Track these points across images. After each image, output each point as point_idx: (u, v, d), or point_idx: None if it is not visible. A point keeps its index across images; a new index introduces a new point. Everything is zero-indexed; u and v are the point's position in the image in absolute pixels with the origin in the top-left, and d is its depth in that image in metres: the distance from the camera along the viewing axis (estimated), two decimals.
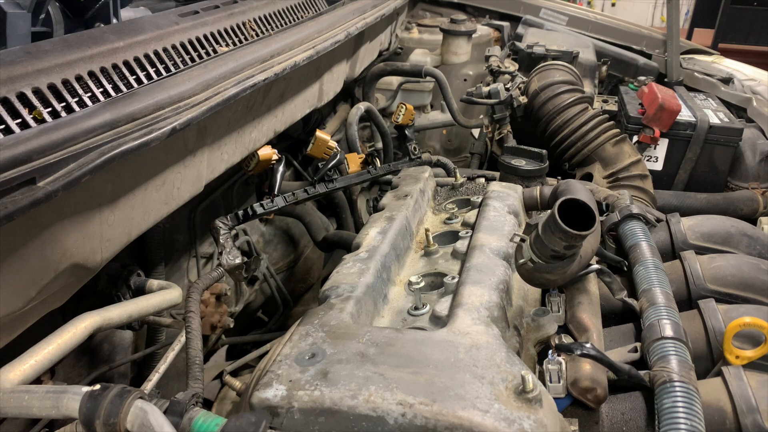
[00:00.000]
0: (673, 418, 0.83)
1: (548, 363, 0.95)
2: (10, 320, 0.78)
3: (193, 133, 1.00)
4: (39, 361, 0.80)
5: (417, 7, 3.24)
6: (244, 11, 1.21)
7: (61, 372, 1.07)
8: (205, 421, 0.70)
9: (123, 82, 0.88)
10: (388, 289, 1.13)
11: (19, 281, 0.75)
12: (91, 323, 0.87)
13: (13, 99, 0.73)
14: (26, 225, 0.72)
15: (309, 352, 0.86)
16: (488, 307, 0.97)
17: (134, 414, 0.70)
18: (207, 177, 1.10)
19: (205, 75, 0.96)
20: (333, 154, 1.46)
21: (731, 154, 2.16)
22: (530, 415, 0.74)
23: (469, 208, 1.43)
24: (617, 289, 1.14)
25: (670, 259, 1.28)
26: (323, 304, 1.00)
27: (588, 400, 0.92)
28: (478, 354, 0.84)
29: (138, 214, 0.93)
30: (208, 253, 1.50)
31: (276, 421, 0.78)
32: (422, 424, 0.74)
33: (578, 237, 0.86)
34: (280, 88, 1.25)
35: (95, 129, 0.76)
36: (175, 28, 1.02)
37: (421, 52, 2.78)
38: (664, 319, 1.01)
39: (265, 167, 1.33)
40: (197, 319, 0.96)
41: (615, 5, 9.35)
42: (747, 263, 1.19)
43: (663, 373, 0.90)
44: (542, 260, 0.95)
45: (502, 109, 2.23)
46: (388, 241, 1.19)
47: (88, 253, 0.84)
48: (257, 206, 1.20)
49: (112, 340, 1.21)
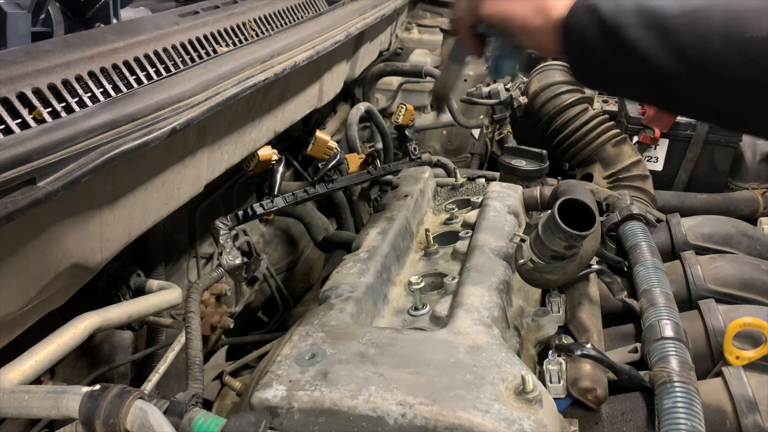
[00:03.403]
0: (674, 419, 0.83)
1: (548, 363, 0.95)
2: (10, 320, 0.78)
3: (193, 134, 1.00)
4: (39, 361, 0.80)
5: (417, 8, 3.24)
6: (244, 11, 1.21)
7: (61, 372, 1.07)
8: (205, 421, 0.70)
9: (123, 82, 0.88)
10: (388, 289, 1.13)
11: (19, 281, 0.75)
12: (91, 323, 0.87)
13: (13, 99, 0.73)
14: (26, 225, 0.72)
15: (309, 352, 0.86)
16: (488, 307, 0.97)
17: (134, 414, 0.70)
18: (207, 177, 1.10)
19: (205, 75, 0.96)
20: (333, 155, 1.46)
21: (731, 155, 2.16)
22: (530, 415, 0.74)
23: (469, 208, 1.43)
24: (617, 290, 1.14)
25: (670, 260, 1.28)
26: (323, 305, 1.00)
27: (588, 400, 0.92)
28: (478, 354, 0.84)
29: (138, 214, 0.93)
30: (208, 253, 1.50)
31: (276, 421, 0.78)
32: (422, 424, 0.74)
33: (578, 237, 0.86)
34: (280, 89, 1.25)
35: (95, 129, 0.76)
36: (175, 29, 1.02)
37: (421, 53, 2.79)
38: (665, 320, 1.00)
39: (265, 167, 1.33)
40: (197, 320, 0.96)
41: None
42: (747, 264, 1.19)
43: (663, 373, 0.90)
44: (542, 260, 0.95)
45: (502, 109, 2.23)
46: (388, 241, 1.19)
47: (88, 253, 0.84)
48: (257, 206, 1.20)
49: (111, 340, 1.21)
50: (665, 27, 0.65)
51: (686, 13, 0.64)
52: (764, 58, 0.60)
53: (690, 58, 0.64)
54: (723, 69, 0.62)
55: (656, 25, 0.66)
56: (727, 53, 0.62)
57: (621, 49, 0.68)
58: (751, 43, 0.61)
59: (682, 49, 0.65)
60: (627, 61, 0.69)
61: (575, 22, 0.72)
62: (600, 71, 0.74)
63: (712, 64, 0.63)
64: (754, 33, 0.60)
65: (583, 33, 0.71)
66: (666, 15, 0.66)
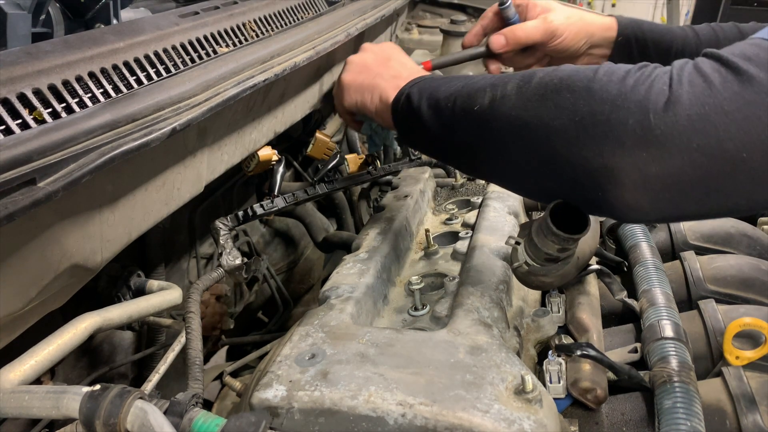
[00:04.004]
0: (673, 419, 0.83)
1: (548, 363, 0.95)
2: (10, 320, 0.78)
3: (194, 134, 1.00)
4: (39, 361, 0.80)
5: (417, 8, 3.24)
6: (244, 12, 1.21)
7: (61, 372, 1.07)
8: (205, 421, 0.70)
9: (123, 82, 0.88)
10: (388, 289, 1.13)
11: (19, 281, 0.75)
12: (92, 324, 0.87)
13: (14, 99, 0.72)
14: (26, 225, 0.72)
15: (309, 352, 0.86)
16: (488, 307, 0.97)
17: (134, 414, 0.70)
18: (207, 177, 1.10)
19: (205, 76, 0.96)
20: (333, 155, 1.46)
21: None
22: (530, 415, 0.74)
23: (469, 208, 1.43)
24: (617, 290, 1.14)
25: (670, 260, 1.28)
26: (323, 305, 1.00)
27: (588, 400, 0.92)
28: (478, 354, 0.84)
29: (138, 215, 0.93)
30: (209, 253, 1.51)
31: (276, 421, 0.78)
32: (422, 424, 0.74)
33: (570, 240, 0.86)
34: (280, 89, 1.26)
35: (95, 129, 0.76)
36: (175, 29, 1.02)
37: (421, 53, 2.78)
38: (664, 320, 1.01)
39: (265, 168, 1.33)
40: (197, 320, 0.96)
41: (615, 6, 9.36)
42: (747, 263, 1.19)
43: (663, 373, 0.90)
44: (537, 263, 0.95)
45: None
46: (388, 241, 1.19)
47: (88, 253, 0.84)
48: (257, 207, 1.20)
49: (112, 340, 1.21)
50: (438, 107, 0.92)
51: (447, 97, 0.91)
52: (485, 122, 0.85)
53: (448, 126, 0.91)
54: (464, 133, 0.89)
55: (434, 105, 0.93)
56: (467, 120, 0.88)
57: (418, 121, 0.96)
58: (474, 114, 0.86)
59: (444, 120, 0.92)
60: (420, 129, 0.97)
61: (398, 106, 1.01)
62: (413, 137, 1.03)
63: (461, 130, 0.89)
64: (476, 106, 0.85)
65: (402, 112, 1.00)
66: (439, 98, 0.92)
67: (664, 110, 0.69)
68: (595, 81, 0.76)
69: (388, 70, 1.10)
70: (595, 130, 0.74)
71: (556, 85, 0.79)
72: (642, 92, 0.72)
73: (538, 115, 0.79)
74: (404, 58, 1.15)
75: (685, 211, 0.75)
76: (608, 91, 0.74)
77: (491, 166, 0.90)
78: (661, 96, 0.70)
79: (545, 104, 0.79)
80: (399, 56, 1.15)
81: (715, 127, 0.67)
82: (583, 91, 0.76)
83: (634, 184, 0.72)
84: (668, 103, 0.69)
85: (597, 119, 0.74)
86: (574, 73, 0.80)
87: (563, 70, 0.82)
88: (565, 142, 0.76)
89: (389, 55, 1.15)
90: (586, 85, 0.77)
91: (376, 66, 1.12)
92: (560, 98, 0.78)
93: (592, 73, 0.78)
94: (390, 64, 1.11)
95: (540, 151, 0.80)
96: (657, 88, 0.71)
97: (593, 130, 0.74)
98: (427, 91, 0.95)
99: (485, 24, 1.37)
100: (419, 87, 0.98)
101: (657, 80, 0.72)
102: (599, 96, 0.75)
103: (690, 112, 0.68)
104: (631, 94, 0.72)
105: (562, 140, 0.77)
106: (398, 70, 1.09)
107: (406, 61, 1.14)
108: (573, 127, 0.76)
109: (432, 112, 0.93)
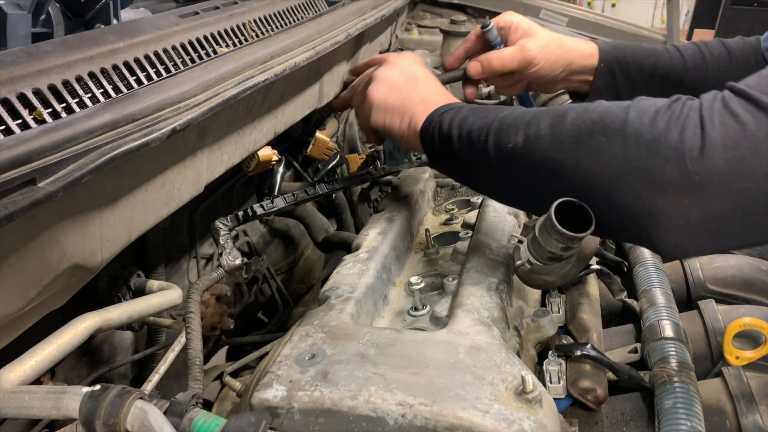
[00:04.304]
0: (674, 419, 0.83)
1: (548, 364, 0.95)
2: (10, 321, 0.77)
3: (194, 134, 1.00)
4: (39, 361, 0.80)
5: (417, 8, 3.24)
6: (244, 12, 1.21)
7: (61, 372, 1.07)
8: (205, 421, 0.70)
9: (123, 82, 0.88)
10: (388, 289, 1.13)
11: (19, 282, 0.75)
12: (92, 324, 0.87)
13: (14, 100, 0.72)
14: (26, 225, 0.72)
15: (309, 352, 0.86)
16: (488, 307, 0.97)
17: (134, 414, 0.70)
18: (207, 178, 1.10)
19: (205, 76, 0.96)
20: (333, 155, 1.46)
21: None
22: (530, 415, 0.74)
23: (469, 208, 1.43)
24: (617, 290, 1.14)
25: (670, 260, 1.28)
26: (323, 305, 1.00)
27: (588, 400, 0.92)
28: (478, 354, 0.84)
29: (138, 215, 0.93)
30: (209, 254, 1.51)
31: (276, 421, 0.78)
32: (422, 424, 0.74)
33: (575, 239, 0.86)
34: (280, 89, 1.26)
35: (95, 129, 0.76)
36: (175, 29, 1.02)
37: (422, 53, 2.78)
38: (664, 320, 1.01)
39: (265, 168, 1.33)
40: (197, 320, 0.96)
41: (615, 6, 9.36)
42: (747, 263, 1.19)
43: (663, 373, 0.90)
44: (539, 262, 0.95)
45: None
46: (388, 241, 1.19)
47: (88, 253, 0.84)
48: (257, 207, 1.20)
49: (112, 340, 1.21)
50: (471, 139, 0.94)
51: (479, 130, 0.93)
52: (520, 159, 0.88)
53: (482, 158, 0.93)
54: (500, 168, 0.92)
55: (466, 136, 0.95)
56: (501, 157, 0.90)
57: (450, 152, 0.99)
58: (508, 150, 0.88)
59: (477, 153, 0.94)
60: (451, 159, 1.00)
61: (427, 133, 1.03)
62: (443, 163, 1.06)
63: (495, 165, 0.92)
64: (511, 144, 0.88)
65: (432, 139, 1.02)
66: (471, 130, 0.94)
67: (700, 155, 0.70)
68: (628, 124, 0.76)
69: (416, 92, 1.10)
70: (633, 176, 0.75)
71: (589, 128, 0.80)
72: (676, 136, 0.72)
73: (574, 157, 0.80)
74: (430, 78, 1.15)
75: (728, 246, 0.77)
76: (642, 135, 0.75)
77: (528, 200, 0.95)
78: (695, 140, 0.71)
79: (580, 146, 0.80)
80: (425, 76, 1.15)
81: (753, 170, 0.68)
82: (617, 136, 0.77)
83: (677, 228, 0.74)
84: (704, 147, 0.70)
85: (634, 165, 0.75)
86: (606, 114, 0.80)
87: (594, 110, 0.82)
88: (604, 184, 0.78)
89: (416, 75, 1.14)
90: (620, 127, 0.77)
91: (405, 87, 1.11)
92: (595, 142, 0.78)
93: (624, 113, 0.78)
94: (418, 86, 1.11)
95: (579, 192, 0.81)
96: (690, 131, 0.72)
97: (631, 176, 0.75)
98: (457, 121, 0.97)
99: (468, 47, 1.37)
100: (450, 116, 0.99)
101: (689, 121, 0.73)
102: (634, 141, 0.75)
103: (726, 156, 0.69)
104: (665, 139, 0.73)
105: (601, 183, 0.78)
106: (426, 95, 1.09)
107: (431, 82, 1.14)
108: (611, 172, 0.77)
109: (464, 144, 0.95)
